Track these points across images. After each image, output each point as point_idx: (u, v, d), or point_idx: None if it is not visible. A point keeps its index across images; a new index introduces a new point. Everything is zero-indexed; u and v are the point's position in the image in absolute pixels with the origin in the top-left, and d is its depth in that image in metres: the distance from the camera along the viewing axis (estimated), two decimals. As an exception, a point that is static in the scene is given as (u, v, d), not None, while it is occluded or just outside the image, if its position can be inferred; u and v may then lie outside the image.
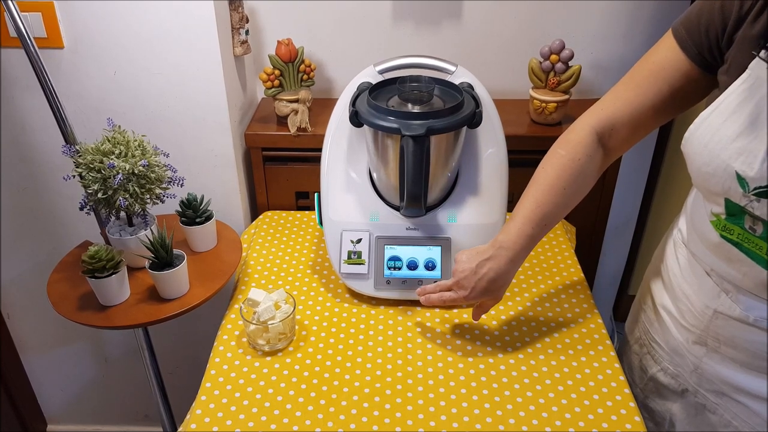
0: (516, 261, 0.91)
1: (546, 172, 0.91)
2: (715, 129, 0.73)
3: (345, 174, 1.10)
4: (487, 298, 0.95)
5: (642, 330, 1.02)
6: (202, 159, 1.31)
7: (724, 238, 0.78)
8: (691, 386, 0.91)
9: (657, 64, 0.84)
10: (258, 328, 0.98)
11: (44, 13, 1.13)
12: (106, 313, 1.02)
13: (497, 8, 1.35)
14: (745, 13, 0.72)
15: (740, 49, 0.73)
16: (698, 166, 0.75)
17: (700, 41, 0.78)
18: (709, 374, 0.88)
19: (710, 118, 0.74)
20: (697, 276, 0.87)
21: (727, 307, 0.81)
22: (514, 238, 0.90)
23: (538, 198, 0.90)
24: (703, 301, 0.85)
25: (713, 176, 0.73)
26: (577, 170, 0.89)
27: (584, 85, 1.44)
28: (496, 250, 0.90)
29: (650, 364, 0.99)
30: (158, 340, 1.32)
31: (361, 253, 1.07)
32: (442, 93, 1.05)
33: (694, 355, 0.89)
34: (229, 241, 1.20)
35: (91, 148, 1.00)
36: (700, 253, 0.85)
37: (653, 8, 1.35)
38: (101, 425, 1.83)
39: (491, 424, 0.87)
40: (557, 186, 0.89)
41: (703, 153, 0.74)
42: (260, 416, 0.88)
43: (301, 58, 1.30)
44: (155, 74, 1.20)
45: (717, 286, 0.83)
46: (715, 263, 0.82)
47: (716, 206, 0.77)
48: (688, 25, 0.80)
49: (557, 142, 0.92)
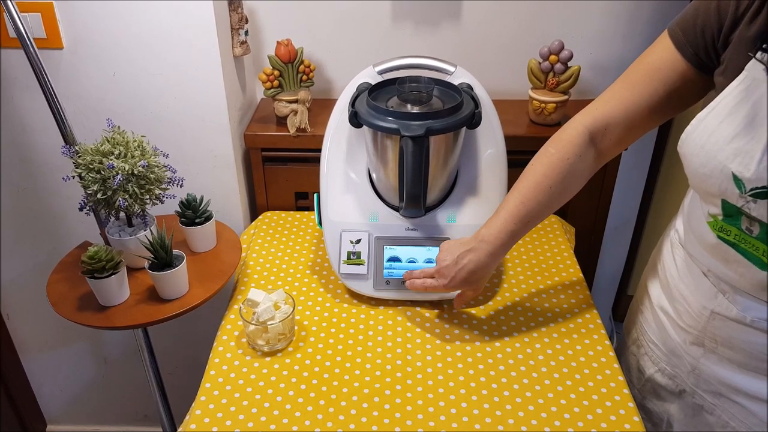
0: (495, 255, 0.92)
1: (534, 169, 0.91)
2: (711, 130, 0.73)
3: (344, 174, 1.10)
4: (467, 288, 0.97)
5: (639, 331, 1.02)
6: (202, 159, 1.31)
7: (721, 239, 0.78)
8: (689, 387, 0.91)
9: (653, 65, 0.83)
10: (257, 328, 0.98)
11: (44, 14, 1.13)
12: (106, 314, 1.02)
13: (496, 9, 1.35)
14: (741, 14, 0.72)
15: (737, 50, 0.73)
16: (695, 167, 0.75)
17: (695, 42, 0.78)
18: (706, 375, 0.88)
19: (707, 120, 0.74)
20: (694, 277, 0.87)
21: (725, 307, 0.81)
22: (496, 233, 0.91)
23: (523, 195, 0.90)
24: (701, 302, 0.85)
25: (710, 177, 0.73)
26: (565, 169, 0.89)
27: (583, 86, 1.44)
28: (478, 243, 0.92)
29: (648, 364, 0.99)
30: (158, 341, 1.32)
31: (361, 254, 1.07)
32: (441, 93, 1.05)
33: (692, 355, 0.89)
34: (229, 242, 1.20)
35: (90, 148, 1.00)
36: (697, 254, 0.86)
37: (652, 9, 1.35)
38: (101, 425, 1.83)
39: (490, 424, 0.87)
40: (543, 184, 0.89)
41: (699, 154, 0.74)
42: (260, 416, 0.88)
43: (301, 59, 1.30)
44: (155, 75, 1.20)
45: (714, 286, 0.83)
46: (712, 264, 0.82)
47: (713, 207, 0.77)
48: (684, 26, 0.80)
49: (550, 139, 0.93)
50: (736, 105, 0.71)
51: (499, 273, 1.17)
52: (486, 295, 1.11)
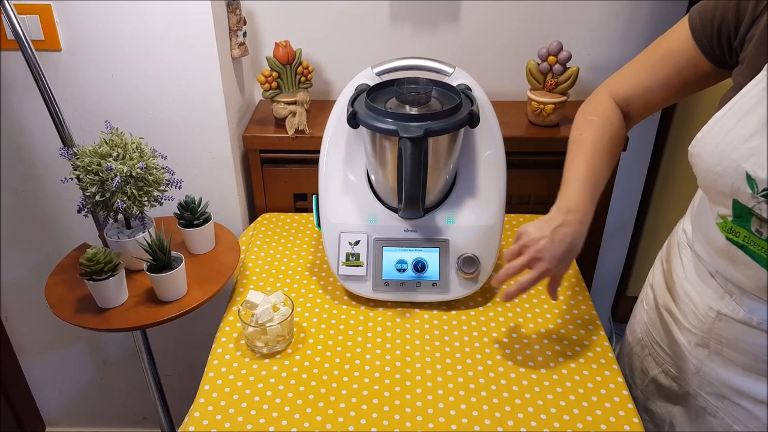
0: (585, 222, 0.87)
1: (586, 136, 0.91)
2: (727, 129, 0.73)
3: (343, 176, 1.10)
4: (566, 264, 0.89)
5: (643, 331, 1.02)
6: (200, 161, 1.31)
7: (730, 241, 0.78)
8: (692, 389, 0.91)
9: (670, 49, 0.85)
10: (256, 330, 0.98)
11: (42, 16, 1.13)
12: (104, 316, 1.02)
13: (495, 10, 1.35)
14: (760, 13, 0.72)
15: (755, 49, 0.73)
16: (708, 165, 0.75)
17: (710, 34, 0.79)
18: (710, 377, 0.87)
19: (724, 119, 0.74)
20: (701, 278, 0.86)
21: (731, 309, 0.81)
22: (579, 201, 0.87)
23: (588, 158, 0.89)
24: (707, 303, 0.85)
25: (722, 176, 0.73)
26: (613, 132, 0.91)
27: (582, 87, 1.44)
28: (565, 214, 0.86)
29: (651, 366, 0.99)
30: (156, 343, 1.32)
31: (359, 255, 1.07)
32: (439, 95, 1.05)
33: (696, 357, 0.89)
34: (227, 244, 1.20)
35: (88, 150, 1.00)
36: (705, 255, 0.85)
37: (651, 10, 1.35)
38: (100, 427, 1.82)
39: (490, 425, 0.87)
40: (600, 148, 0.90)
41: (713, 153, 0.74)
42: (258, 418, 0.88)
43: (299, 60, 1.30)
44: (153, 77, 1.20)
45: (721, 287, 0.82)
46: (719, 265, 0.82)
47: (723, 208, 0.77)
48: (703, 16, 0.80)
49: (587, 110, 0.94)
50: (754, 104, 0.70)
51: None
52: (485, 296, 1.11)
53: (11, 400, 1.64)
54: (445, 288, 1.07)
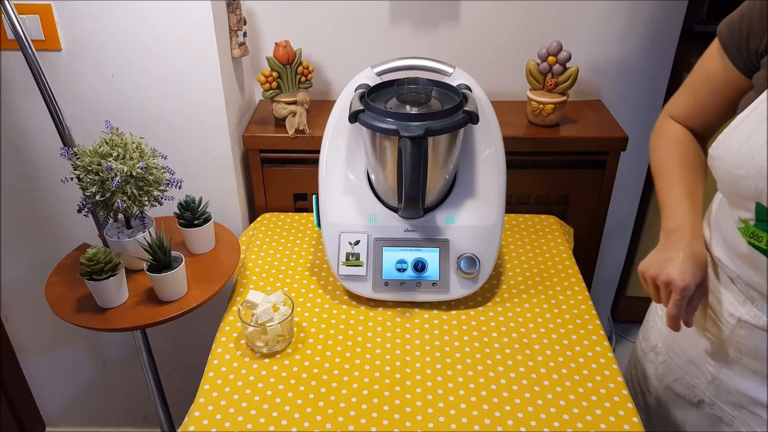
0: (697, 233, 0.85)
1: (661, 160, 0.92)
2: (750, 131, 0.72)
3: (343, 176, 1.10)
4: (693, 280, 0.82)
5: (658, 338, 1.00)
6: (200, 161, 1.31)
7: (752, 246, 0.77)
8: (708, 397, 0.90)
9: (707, 70, 0.86)
10: (256, 330, 0.98)
11: (42, 16, 1.13)
12: (105, 316, 1.02)
13: (495, 10, 1.35)
14: None
15: None
16: (729, 168, 0.74)
17: (740, 42, 0.79)
18: (727, 386, 0.86)
19: (746, 121, 0.73)
20: (722, 283, 0.85)
21: (753, 315, 0.80)
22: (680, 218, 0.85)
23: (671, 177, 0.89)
24: (727, 310, 0.83)
25: (745, 179, 0.72)
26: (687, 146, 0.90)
27: (582, 87, 1.44)
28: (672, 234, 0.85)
29: (666, 373, 0.98)
30: (156, 342, 1.32)
31: (359, 255, 1.07)
32: (439, 95, 1.05)
33: (712, 365, 0.88)
34: (228, 243, 1.20)
35: (89, 150, 1.00)
36: (726, 260, 0.84)
37: (651, 10, 1.35)
38: (100, 427, 1.82)
39: (490, 425, 0.87)
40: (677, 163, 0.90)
41: (736, 155, 0.73)
42: (258, 418, 0.88)
43: (299, 60, 1.30)
44: (153, 76, 1.20)
45: (742, 294, 0.81)
46: (742, 271, 0.81)
47: (745, 212, 0.76)
48: (730, 27, 0.80)
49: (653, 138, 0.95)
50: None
51: (498, 274, 1.17)
52: (485, 296, 1.11)
53: (11, 400, 1.64)
54: (445, 288, 1.07)
